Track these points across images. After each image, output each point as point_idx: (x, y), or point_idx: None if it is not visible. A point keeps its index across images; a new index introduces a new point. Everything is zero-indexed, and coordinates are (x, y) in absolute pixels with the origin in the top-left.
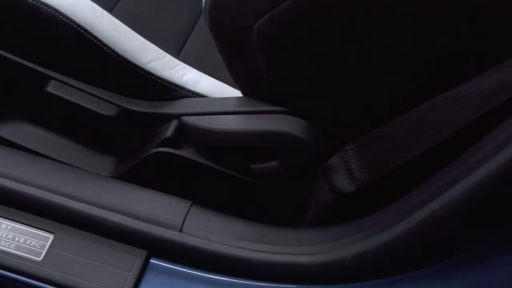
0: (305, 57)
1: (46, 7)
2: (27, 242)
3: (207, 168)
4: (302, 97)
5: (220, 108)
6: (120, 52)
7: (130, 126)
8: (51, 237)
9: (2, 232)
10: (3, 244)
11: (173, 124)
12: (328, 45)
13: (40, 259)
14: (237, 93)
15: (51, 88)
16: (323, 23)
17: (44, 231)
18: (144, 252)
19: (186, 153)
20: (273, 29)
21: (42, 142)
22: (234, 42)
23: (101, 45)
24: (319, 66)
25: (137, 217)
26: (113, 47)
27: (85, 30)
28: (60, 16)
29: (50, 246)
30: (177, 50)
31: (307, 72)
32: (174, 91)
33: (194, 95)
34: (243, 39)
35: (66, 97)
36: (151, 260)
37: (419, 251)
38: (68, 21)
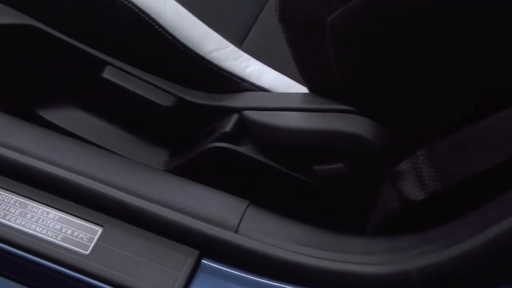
0: (381, 55)
1: None
2: (75, 234)
3: (266, 167)
4: (373, 96)
5: (284, 103)
6: (182, 40)
7: (187, 118)
8: (99, 230)
9: (49, 222)
10: (50, 235)
11: (233, 118)
12: (409, 44)
13: (87, 252)
14: (302, 89)
15: (107, 74)
16: (404, 20)
17: (92, 224)
18: (196, 252)
19: (245, 149)
20: (348, 23)
21: (93, 130)
22: (305, 34)
23: (163, 32)
24: (396, 65)
25: (190, 215)
26: (175, 33)
27: (147, 15)
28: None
29: (98, 239)
30: (239, 40)
31: (382, 71)
32: (236, 84)
33: (257, 89)
34: (315, 32)
35: (121, 84)
36: (202, 261)
37: (494, 268)
38: (129, 4)
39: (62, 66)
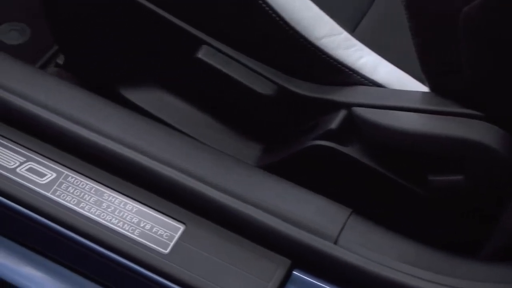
0: None
1: None
2: (154, 230)
3: (372, 172)
4: (507, 101)
5: (400, 102)
6: (291, 22)
7: (287, 110)
8: (181, 228)
9: (126, 214)
10: (127, 229)
11: (341, 114)
12: None
13: (166, 251)
14: (419, 86)
15: (202, 54)
16: None
17: (174, 220)
18: (287, 262)
19: (351, 150)
20: (486, 16)
21: (180, 116)
22: (435, 25)
23: (271, 11)
24: None
25: (284, 219)
26: (284, 14)
27: None
28: None
29: (179, 238)
30: (351, 26)
31: None
32: (346, 75)
33: (370, 83)
34: (446, 22)
35: (217, 66)
36: (294, 272)
37: None
38: None
39: (155, 43)
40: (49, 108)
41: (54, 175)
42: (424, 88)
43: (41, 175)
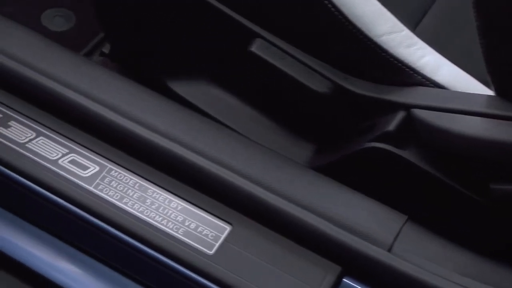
0: None
1: None
2: (199, 229)
3: (430, 178)
4: None
5: (463, 105)
6: (351, 17)
7: (343, 110)
8: (228, 228)
9: (171, 212)
10: (171, 227)
11: (399, 116)
12: None
13: (211, 252)
14: (484, 90)
15: (256, 47)
16: None
17: (220, 220)
18: (338, 268)
19: (409, 154)
20: None
21: (229, 112)
22: (504, 25)
23: (330, 5)
24: None
25: (337, 223)
26: (344, 9)
27: None
28: None
29: (225, 239)
30: (412, 23)
31: None
32: (406, 75)
33: (431, 84)
34: None
35: (271, 61)
36: (344, 279)
37: None
38: None
39: (206, 34)
40: (94, 99)
41: (97, 168)
42: (489, 92)
43: (84, 168)
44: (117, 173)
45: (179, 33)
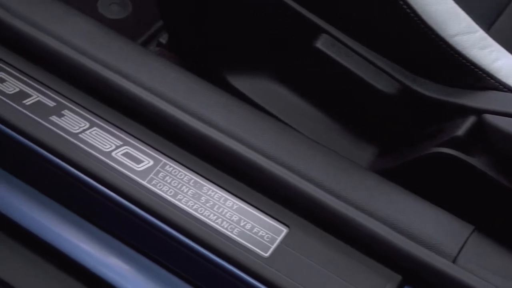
0: None
1: None
2: (254, 230)
3: (501, 188)
4: None
5: None
6: (423, 15)
7: (409, 112)
8: (284, 230)
9: (226, 211)
10: (225, 227)
11: (469, 121)
12: None
13: (266, 255)
14: None
15: (321, 43)
16: None
17: (277, 222)
18: (398, 277)
19: (478, 162)
20: None
21: (290, 110)
22: None
23: (401, 2)
24: None
25: (398, 230)
26: (416, 7)
27: None
28: None
29: (282, 241)
30: (486, 23)
31: None
32: (479, 78)
33: (506, 89)
34: None
35: (336, 58)
36: None
37: None
38: None
39: (269, 28)
40: (151, 91)
41: (151, 162)
42: None
43: (138, 161)
44: (171, 168)
45: (242, 26)
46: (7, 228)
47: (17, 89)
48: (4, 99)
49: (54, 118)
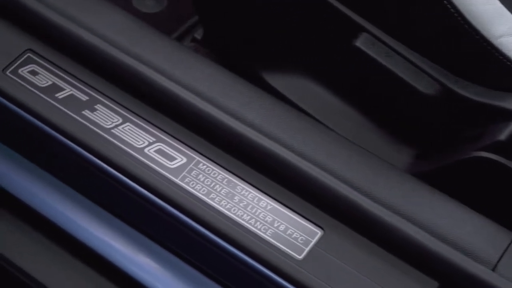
0: None
1: None
2: (288, 232)
3: None
4: None
5: None
6: (468, 16)
7: (450, 114)
8: (319, 233)
9: (259, 211)
10: (259, 227)
11: None
12: None
13: (300, 257)
14: None
15: (361, 42)
16: None
17: (311, 224)
18: (434, 284)
19: None
20: None
21: (326, 109)
22: None
23: (446, 1)
24: None
25: (438, 236)
26: (460, 7)
27: None
28: None
29: (316, 244)
30: None
31: None
32: None
33: None
34: None
35: (377, 57)
36: None
37: None
38: None
39: (307, 26)
40: (187, 87)
41: (184, 160)
42: None
43: (171, 158)
44: (205, 166)
45: (280, 22)
46: (35, 222)
47: (50, 82)
48: (36, 92)
49: (86, 113)
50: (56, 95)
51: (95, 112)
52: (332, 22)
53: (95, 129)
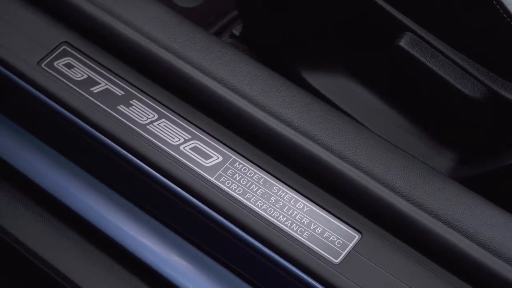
0: None
1: None
2: (325, 235)
3: None
4: None
5: None
6: None
7: (495, 118)
8: (356, 236)
9: (296, 213)
10: (295, 229)
11: None
12: None
13: (337, 261)
14: None
15: (405, 42)
16: None
17: (349, 227)
18: None
19: None
20: None
21: (367, 110)
22: None
23: (495, 1)
24: None
25: (480, 244)
26: (510, 7)
27: None
28: None
29: (354, 248)
30: None
31: None
32: None
33: None
34: None
35: (421, 58)
36: None
37: None
38: None
39: (350, 24)
40: (224, 83)
41: (220, 158)
42: None
43: (206, 156)
44: (241, 165)
45: (323, 20)
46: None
47: (85, 76)
48: (71, 85)
49: (122, 108)
50: (92, 89)
51: (130, 108)
52: (376, 20)
53: (130, 124)
